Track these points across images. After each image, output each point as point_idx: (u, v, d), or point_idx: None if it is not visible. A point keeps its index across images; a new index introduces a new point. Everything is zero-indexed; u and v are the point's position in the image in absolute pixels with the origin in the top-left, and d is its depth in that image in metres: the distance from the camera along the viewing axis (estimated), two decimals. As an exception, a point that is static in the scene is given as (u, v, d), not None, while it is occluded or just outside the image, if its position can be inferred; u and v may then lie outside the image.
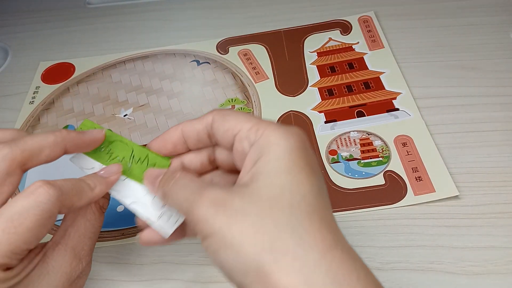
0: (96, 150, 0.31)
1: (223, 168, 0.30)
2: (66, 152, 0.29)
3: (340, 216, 0.36)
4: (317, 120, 0.44)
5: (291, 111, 0.45)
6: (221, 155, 0.29)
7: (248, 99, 0.47)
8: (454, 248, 0.33)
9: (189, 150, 0.30)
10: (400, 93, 0.45)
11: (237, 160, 0.26)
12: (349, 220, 0.36)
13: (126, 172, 0.30)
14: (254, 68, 0.50)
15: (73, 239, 0.28)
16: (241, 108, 0.46)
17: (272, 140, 0.24)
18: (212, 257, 0.23)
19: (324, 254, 0.21)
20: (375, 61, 0.48)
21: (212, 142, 0.28)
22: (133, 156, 0.31)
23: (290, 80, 0.48)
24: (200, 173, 0.30)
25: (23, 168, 0.27)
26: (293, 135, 0.24)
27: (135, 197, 0.30)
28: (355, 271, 0.21)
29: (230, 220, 0.22)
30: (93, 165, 0.31)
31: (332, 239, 0.22)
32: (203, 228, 0.23)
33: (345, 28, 0.53)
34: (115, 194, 0.30)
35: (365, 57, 0.49)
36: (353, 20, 0.54)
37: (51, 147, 0.28)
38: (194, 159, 0.30)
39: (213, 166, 0.30)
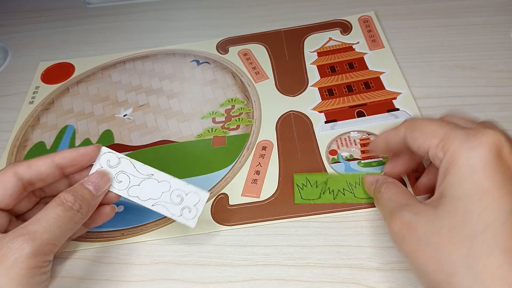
0: (320, 194, 0.37)
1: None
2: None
3: (341, 216, 0.36)
4: (317, 120, 0.44)
5: (291, 111, 0.45)
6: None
7: (248, 99, 0.47)
8: (454, 248, 0.33)
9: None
10: (400, 93, 0.45)
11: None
12: (350, 220, 0.36)
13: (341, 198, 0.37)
14: (254, 68, 0.50)
15: (39, 226, 0.28)
16: (241, 108, 0.46)
17: (457, 157, 0.23)
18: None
19: None
20: (375, 61, 0.48)
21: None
22: (349, 183, 0.37)
23: (290, 80, 0.48)
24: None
25: None
26: (482, 146, 0.22)
27: (154, 199, 0.34)
28: None
29: (415, 248, 0.24)
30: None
31: None
32: (398, 246, 0.26)
33: (345, 28, 0.53)
34: (135, 200, 0.34)
35: (365, 57, 0.49)
36: (353, 20, 0.54)
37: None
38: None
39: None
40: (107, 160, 0.34)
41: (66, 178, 0.34)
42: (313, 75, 0.48)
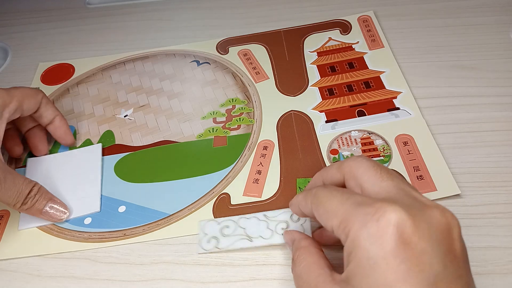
0: None
1: None
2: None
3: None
4: (318, 119, 0.44)
5: (291, 111, 0.45)
6: None
7: (248, 99, 0.47)
8: (455, 248, 0.33)
9: None
10: (400, 92, 0.45)
11: None
12: (350, 220, 0.36)
13: None
14: (254, 68, 0.50)
15: None
16: (242, 107, 0.46)
17: (357, 247, 0.20)
18: None
19: None
20: (375, 61, 0.49)
21: None
22: None
23: (291, 80, 0.48)
24: None
25: None
26: (382, 233, 0.20)
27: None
28: None
29: None
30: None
31: None
32: None
33: (345, 27, 0.53)
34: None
35: (365, 56, 0.49)
36: (353, 19, 0.54)
37: None
38: None
39: None
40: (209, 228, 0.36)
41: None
42: (313, 75, 0.48)
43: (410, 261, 0.19)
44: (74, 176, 0.41)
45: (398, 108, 0.43)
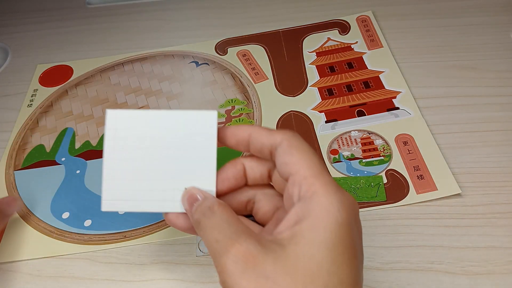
0: None
1: (276, 188, 0.28)
2: None
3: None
4: (318, 120, 0.44)
5: (291, 111, 0.45)
6: (276, 177, 0.27)
7: (248, 99, 0.47)
8: (454, 248, 0.33)
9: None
10: (400, 92, 0.45)
11: (285, 198, 0.25)
12: (349, 220, 0.36)
13: None
14: (253, 68, 0.50)
15: None
16: (241, 108, 0.46)
17: (324, 205, 0.22)
18: None
19: None
20: (374, 61, 0.48)
21: (272, 160, 0.26)
22: (351, 186, 0.38)
23: (290, 80, 0.48)
24: (256, 184, 0.28)
25: None
26: (347, 207, 0.22)
27: None
28: None
29: (257, 285, 0.21)
30: None
31: None
32: (226, 280, 0.22)
33: (344, 28, 0.53)
34: None
35: (364, 56, 0.49)
36: (351, 19, 0.54)
37: None
38: (256, 168, 0.28)
39: (270, 181, 0.28)
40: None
41: None
42: (313, 75, 0.48)
43: (354, 236, 0.22)
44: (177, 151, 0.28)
45: (397, 108, 0.43)
